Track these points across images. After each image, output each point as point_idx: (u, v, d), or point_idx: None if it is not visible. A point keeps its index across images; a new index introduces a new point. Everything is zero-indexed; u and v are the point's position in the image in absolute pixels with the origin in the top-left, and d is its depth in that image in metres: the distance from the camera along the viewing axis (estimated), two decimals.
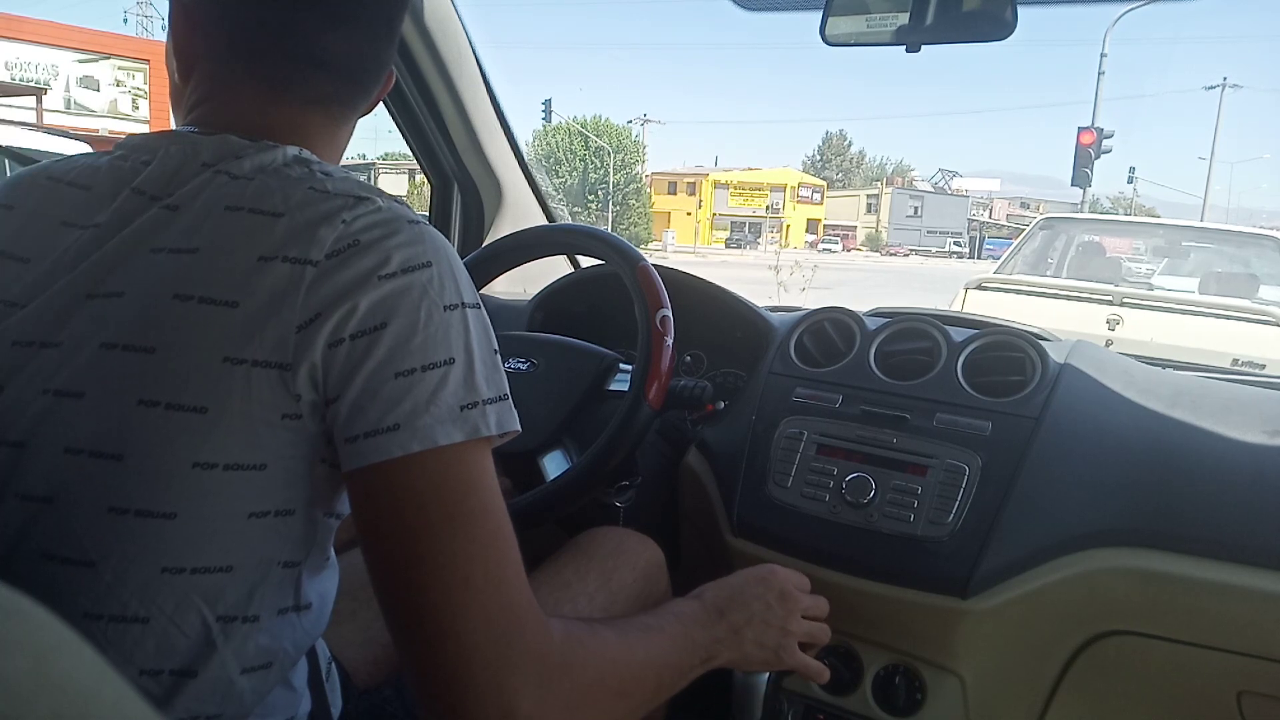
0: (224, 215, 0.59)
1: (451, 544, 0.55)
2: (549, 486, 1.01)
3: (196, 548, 0.56)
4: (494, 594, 0.56)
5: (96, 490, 0.56)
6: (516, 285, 1.55)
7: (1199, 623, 0.92)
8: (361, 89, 0.70)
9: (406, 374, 0.56)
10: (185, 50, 0.67)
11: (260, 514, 0.58)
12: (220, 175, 0.61)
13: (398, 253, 0.58)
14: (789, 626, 0.83)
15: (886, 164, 77.20)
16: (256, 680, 0.60)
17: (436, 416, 0.56)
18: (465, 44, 1.51)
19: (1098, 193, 46.75)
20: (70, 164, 0.66)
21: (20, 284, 0.60)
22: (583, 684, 0.61)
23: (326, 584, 0.67)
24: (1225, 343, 3.03)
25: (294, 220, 0.58)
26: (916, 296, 11.33)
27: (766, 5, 1.43)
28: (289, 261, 0.56)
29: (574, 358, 1.15)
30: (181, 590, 0.56)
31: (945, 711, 1.02)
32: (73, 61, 14.19)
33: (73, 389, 0.57)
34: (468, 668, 0.55)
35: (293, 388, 0.56)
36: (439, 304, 0.58)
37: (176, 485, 0.55)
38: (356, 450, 0.56)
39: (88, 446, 0.56)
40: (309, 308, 0.56)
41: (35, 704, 0.25)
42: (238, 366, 0.55)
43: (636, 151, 38.37)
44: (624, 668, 0.66)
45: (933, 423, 1.04)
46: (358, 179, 0.63)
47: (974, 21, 1.08)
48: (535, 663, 0.57)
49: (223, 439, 0.55)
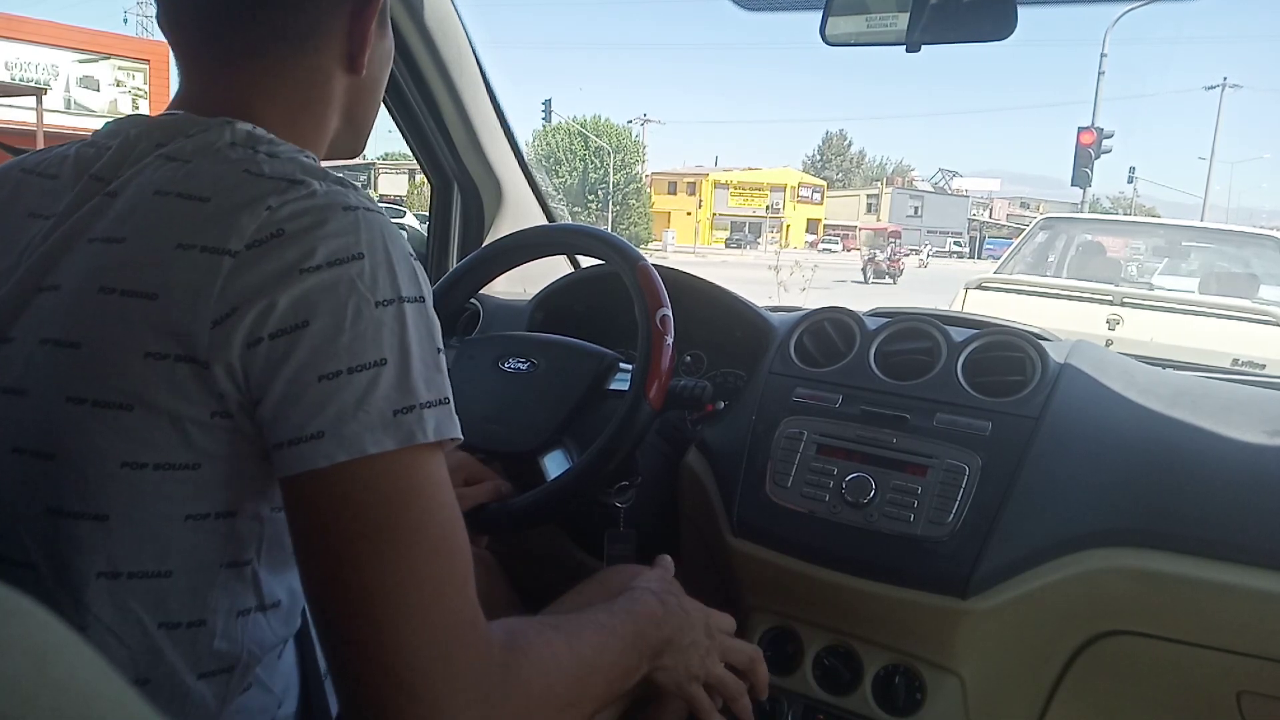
0: (152, 201, 0.56)
1: (386, 560, 0.51)
2: (549, 486, 1.00)
3: (132, 552, 0.54)
4: (437, 610, 0.52)
5: (35, 491, 0.55)
6: (516, 285, 1.55)
7: (1199, 623, 0.92)
8: (305, 14, 0.63)
9: (331, 376, 0.52)
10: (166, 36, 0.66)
11: (199, 516, 0.55)
12: (160, 158, 0.58)
13: (325, 244, 0.53)
14: (706, 663, 0.79)
15: (886, 164, 77.25)
16: (218, 685, 0.58)
17: (365, 423, 0.51)
18: (465, 44, 1.51)
19: (1098, 193, 46.81)
20: (44, 154, 0.65)
21: None
22: (530, 700, 0.57)
23: (295, 579, 0.62)
24: (1225, 343, 3.03)
25: (219, 205, 0.54)
26: (916, 296, 11.34)
27: (766, 5, 1.43)
28: (206, 251, 0.53)
29: (574, 357, 1.15)
30: (119, 597, 0.54)
31: (945, 711, 1.02)
32: (73, 61, 14.17)
33: (17, 387, 0.56)
34: (405, 694, 0.51)
35: (213, 386, 0.53)
36: (369, 299, 0.53)
37: (107, 486, 0.54)
38: (282, 458, 0.52)
39: (28, 446, 0.55)
40: (225, 302, 0.52)
41: (35, 703, 0.25)
42: (160, 362, 0.52)
43: (636, 151, 38.35)
44: (572, 675, 0.62)
45: (933, 423, 1.04)
46: (306, 160, 0.59)
47: (974, 21, 1.08)
48: (474, 689, 0.53)
49: (151, 437, 0.53)
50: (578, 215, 28.31)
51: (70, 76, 14.20)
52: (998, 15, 1.05)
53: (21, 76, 13.61)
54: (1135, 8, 12.55)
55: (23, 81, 13.41)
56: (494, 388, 1.13)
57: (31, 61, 13.78)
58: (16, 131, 9.66)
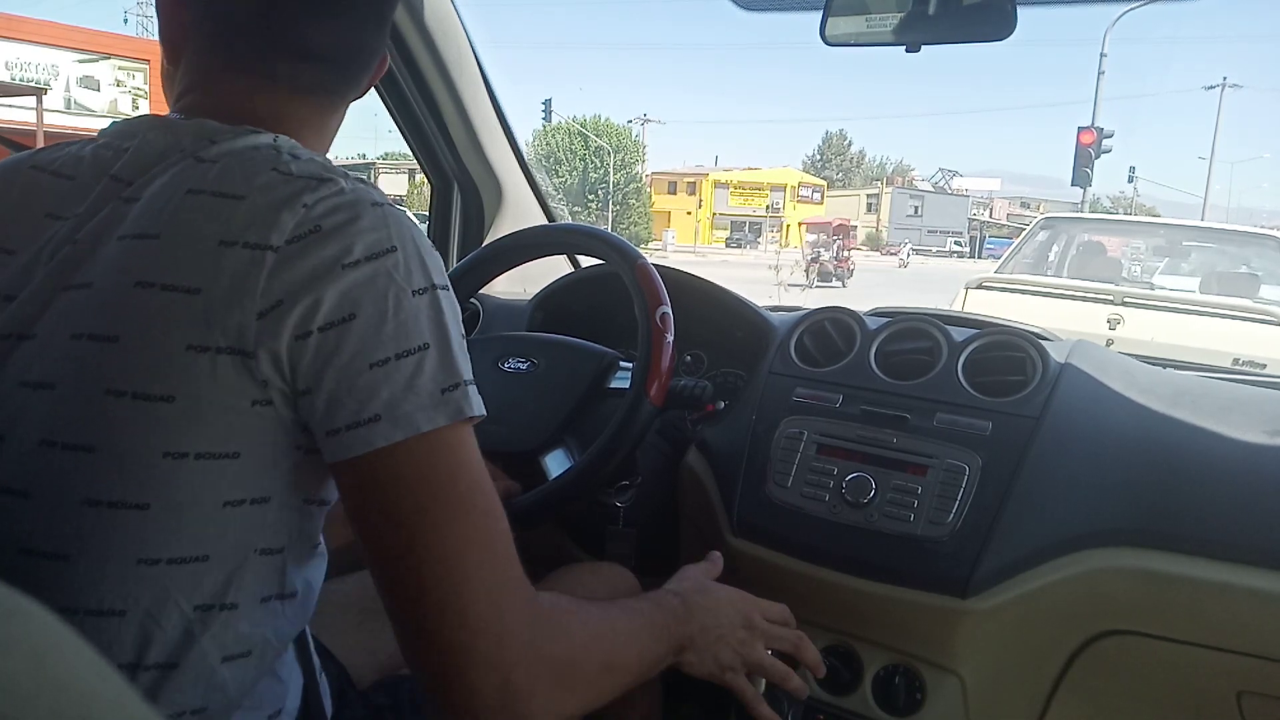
0: (185, 199, 0.58)
1: (446, 526, 0.56)
2: (550, 486, 1.01)
3: (171, 538, 0.56)
4: (489, 569, 0.57)
5: (70, 483, 0.56)
6: (516, 285, 1.55)
7: (1199, 623, 0.92)
8: (349, 78, 0.70)
9: (381, 363, 0.56)
10: (173, 36, 0.67)
11: (235, 502, 0.57)
12: (188, 159, 0.60)
13: (361, 239, 0.57)
14: (743, 652, 0.82)
15: (886, 164, 77.20)
16: (238, 669, 0.60)
17: (416, 403, 0.56)
18: (465, 44, 1.51)
19: (1098, 192, 46.82)
20: (55, 153, 0.66)
21: (4, 275, 0.60)
22: (570, 653, 0.62)
23: (313, 572, 0.66)
24: (1226, 342, 3.03)
25: (255, 203, 0.57)
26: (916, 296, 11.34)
27: (766, 5, 1.43)
28: (249, 247, 0.55)
29: (574, 357, 1.16)
30: (158, 582, 0.56)
31: (945, 711, 1.02)
32: (73, 61, 14.18)
33: (45, 381, 0.57)
34: (469, 642, 0.56)
35: (257, 374, 0.55)
36: (406, 289, 0.57)
37: (148, 476, 0.55)
38: (339, 443, 0.56)
39: (61, 439, 0.56)
40: (270, 295, 0.55)
41: (35, 703, 0.25)
42: (202, 354, 0.55)
43: (636, 151, 38.36)
44: (608, 641, 0.67)
45: (933, 422, 1.04)
46: (324, 161, 0.63)
47: (974, 21, 1.08)
48: (527, 632, 0.58)
49: (192, 428, 0.55)
50: (578, 215, 28.33)
51: (70, 76, 14.22)
52: (997, 15, 1.05)
53: (21, 76, 13.62)
54: (1135, 8, 12.56)
55: (23, 81, 13.42)
56: (494, 388, 1.13)
57: (31, 61, 13.79)
58: (16, 131, 9.66)
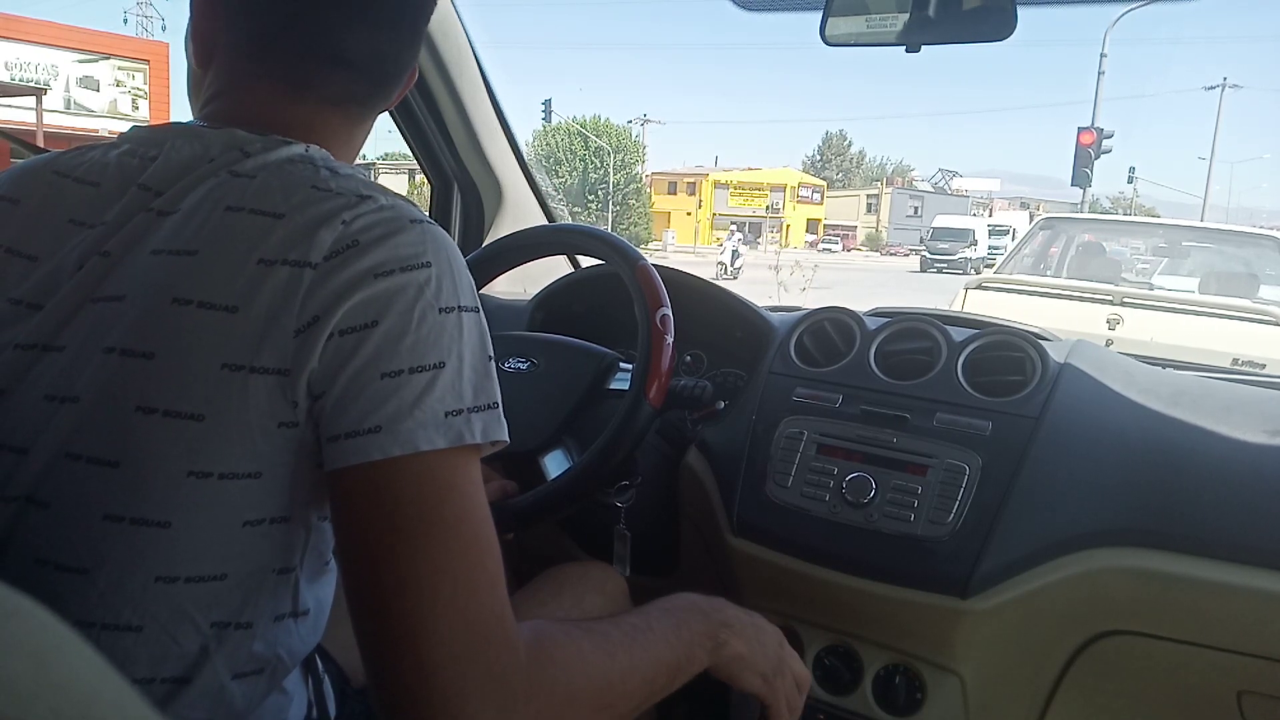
0: (224, 216, 0.57)
1: (422, 552, 0.53)
2: (550, 486, 1.01)
3: (191, 557, 0.56)
4: (460, 609, 0.53)
5: (92, 497, 0.55)
6: (516, 285, 1.55)
7: (1199, 623, 0.92)
8: (380, 88, 0.69)
9: (393, 375, 0.55)
10: (205, 38, 0.67)
11: (255, 522, 0.57)
12: (223, 173, 0.60)
13: (396, 251, 0.57)
14: (785, 658, 0.78)
15: (886, 164, 77.21)
16: (248, 686, 0.60)
17: (420, 421, 0.54)
18: (465, 44, 1.51)
19: (1098, 193, 46.74)
20: (77, 158, 0.65)
21: (28, 283, 0.59)
22: (554, 704, 0.57)
23: (324, 590, 0.65)
24: (1225, 342, 3.03)
25: (294, 221, 0.57)
26: (917, 297, 11.36)
27: (766, 5, 1.43)
28: (289, 265, 0.55)
29: (574, 357, 1.15)
30: (175, 599, 0.56)
31: (945, 711, 1.02)
32: (73, 61, 14.17)
33: (72, 394, 0.56)
34: (426, 684, 0.52)
35: (290, 394, 0.55)
36: (434, 305, 0.57)
37: (172, 494, 0.54)
38: (338, 450, 0.55)
39: (85, 452, 0.55)
40: (307, 311, 0.55)
41: (36, 704, 0.25)
42: (236, 373, 0.54)
43: (636, 151, 38.33)
44: (602, 680, 0.61)
45: (933, 422, 1.04)
46: (363, 177, 0.62)
47: (974, 21, 1.08)
48: (498, 686, 0.53)
49: (219, 447, 0.54)
50: (578, 215, 28.30)
51: (70, 76, 14.21)
52: (997, 16, 1.05)
53: (21, 76, 13.62)
54: (1135, 8, 12.55)
55: (23, 81, 13.43)
56: None
57: (31, 61, 13.79)
58: (16, 132, 9.65)
